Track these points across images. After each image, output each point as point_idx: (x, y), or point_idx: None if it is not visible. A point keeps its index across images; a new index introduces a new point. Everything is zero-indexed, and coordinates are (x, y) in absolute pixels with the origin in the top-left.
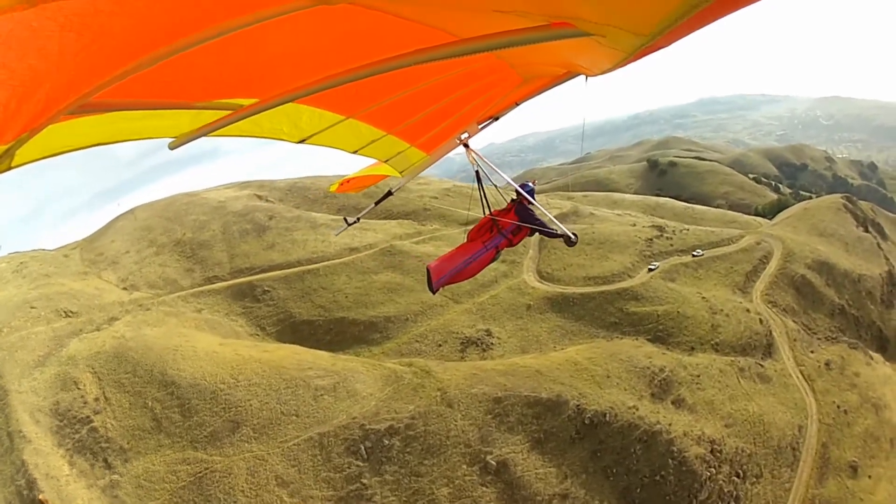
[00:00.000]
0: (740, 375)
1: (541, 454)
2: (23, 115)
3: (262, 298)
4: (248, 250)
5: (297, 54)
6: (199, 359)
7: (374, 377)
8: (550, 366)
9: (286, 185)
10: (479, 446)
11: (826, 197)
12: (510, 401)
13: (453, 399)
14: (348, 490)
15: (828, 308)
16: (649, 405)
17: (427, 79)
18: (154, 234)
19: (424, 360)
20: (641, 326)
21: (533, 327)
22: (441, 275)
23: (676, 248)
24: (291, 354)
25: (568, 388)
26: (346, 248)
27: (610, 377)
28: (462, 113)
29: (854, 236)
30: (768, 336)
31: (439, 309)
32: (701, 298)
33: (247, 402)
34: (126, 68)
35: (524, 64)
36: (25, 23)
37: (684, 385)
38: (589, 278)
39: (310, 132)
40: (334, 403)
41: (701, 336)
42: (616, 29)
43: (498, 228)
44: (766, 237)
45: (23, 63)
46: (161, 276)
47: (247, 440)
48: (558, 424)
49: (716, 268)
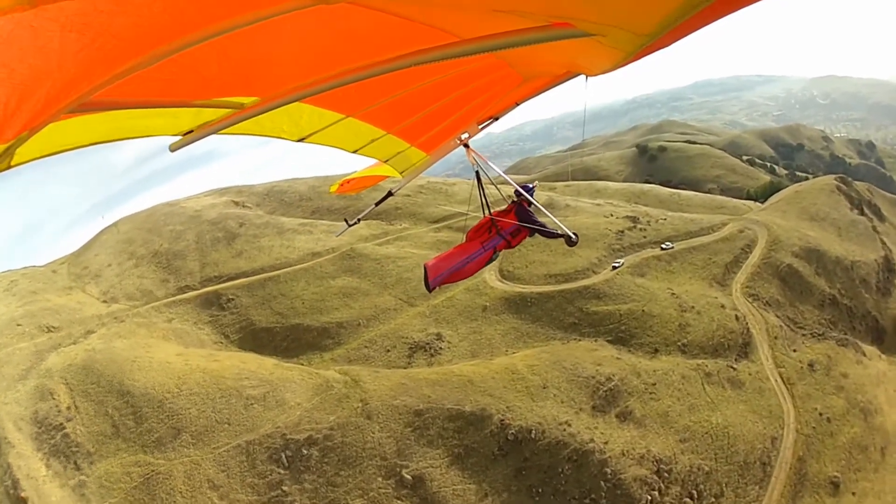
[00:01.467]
0: (706, 381)
1: (461, 470)
2: (23, 114)
3: (227, 307)
4: (218, 258)
5: (297, 53)
6: (152, 369)
7: (306, 387)
8: (486, 375)
9: (264, 189)
10: (396, 459)
11: (818, 178)
12: (431, 414)
13: (373, 411)
14: (270, 496)
15: (817, 299)
16: (587, 419)
17: (427, 78)
18: (134, 247)
19: (364, 367)
20: (602, 327)
21: (487, 330)
22: (437, 273)
23: (650, 240)
24: (237, 364)
25: (496, 400)
26: (309, 254)
27: (547, 388)
28: (462, 113)
29: (848, 220)
30: (745, 334)
31: (392, 313)
32: (670, 295)
33: (187, 410)
34: (126, 67)
35: (524, 64)
36: (26, 23)
37: (635, 395)
38: (550, 276)
39: (310, 131)
40: (262, 412)
41: (666, 337)
42: (616, 29)
43: (497, 229)
44: (751, 224)
45: (23, 63)
46: (138, 288)
47: (186, 446)
48: (480, 439)
49: (692, 260)
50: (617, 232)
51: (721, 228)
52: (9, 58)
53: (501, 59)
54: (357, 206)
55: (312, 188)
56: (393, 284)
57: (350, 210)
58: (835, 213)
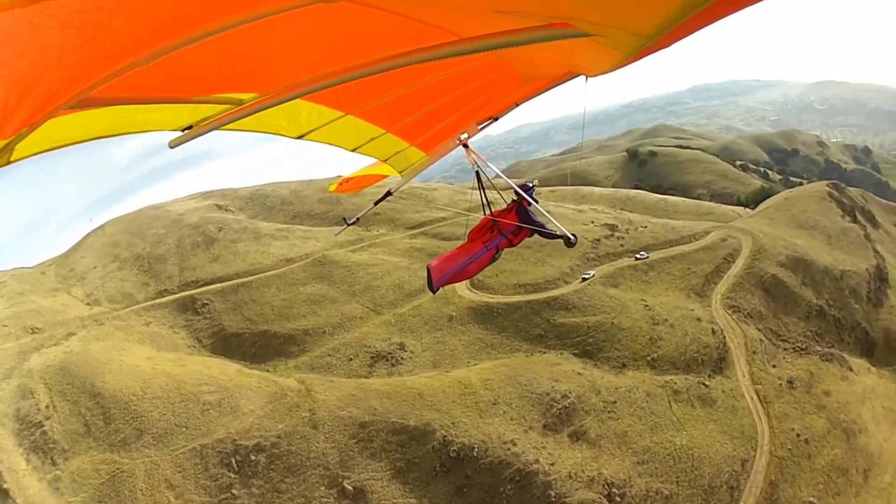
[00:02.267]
0: (673, 399)
1: (402, 484)
2: (23, 110)
3: (202, 311)
4: (196, 263)
5: (296, 51)
6: (122, 372)
7: (261, 394)
8: (438, 388)
9: (248, 192)
10: (338, 470)
11: (809, 185)
12: (376, 426)
13: (320, 421)
14: (221, 498)
15: (803, 310)
16: (535, 439)
17: (427, 77)
18: (119, 249)
19: (321, 376)
20: (569, 339)
21: (451, 340)
22: (441, 275)
23: (627, 248)
24: (201, 369)
25: (443, 415)
26: (283, 259)
27: (498, 404)
28: (461, 112)
29: (839, 227)
30: (721, 349)
31: (358, 321)
32: (643, 307)
33: (149, 412)
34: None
35: (524, 64)
36: (26, 19)
37: (592, 414)
38: (519, 286)
39: (308, 128)
40: (217, 418)
41: (636, 351)
42: (616, 29)
43: (499, 229)
44: (736, 232)
45: (23, 59)
46: (120, 291)
47: (147, 446)
48: (422, 454)
49: (670, 269)
50: (593, 240)
51: (703, 237)
52: (9, 54)
53: (501, 59)
54: (336, 211)
55: (294, 192)
56: (361, 292)
57: (330, 215)
58: (825, 220)
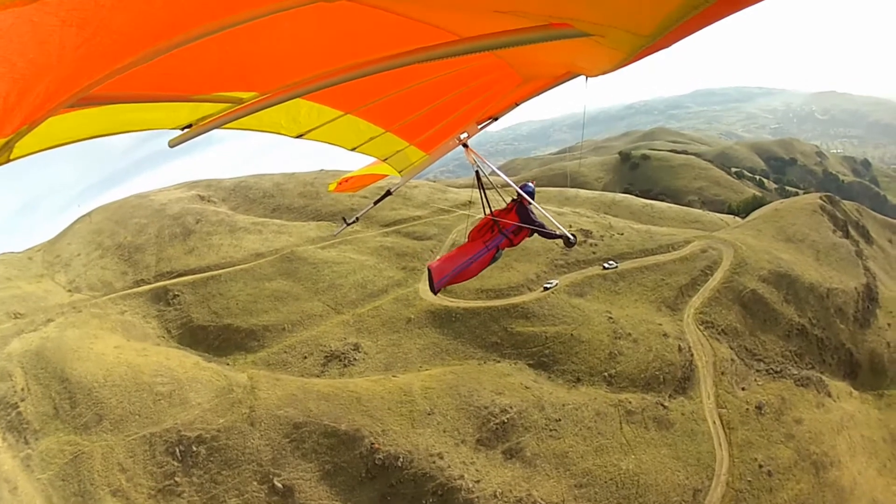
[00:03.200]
0: (626, 419)
1: (329, 486)
2: (23, 108)
3: (173, 303)
4: (173, 254)
5: (296, 50)
6: (89, 360)
7: (210, 388)
8: (377, 393)
9: (232, 184)
10: (270, 467)
11: (802, 196)
12: (309, 428)
13: (257, 418)
14: (165, 484)
15: (783, 328)
16: (465, 453)
17: (426, 76)
18: (102, 237)
19: (270, 373)
20: (525, 349)
21: (406, 343)
22: (443, 275)
23: (599, 256)
24: (161, 360)
25: (375, 422)
26: (253, 254)
27: (433, 414)
28: (461, 112)
29: (829, 242)
30: (686, 368)
31: (318, 319)
32: (607, 319)
33: (108, 399)
34: (126, 62)
35: (524, 64)
36: (26, 17)
37: (532, 431)
38: (482, 291)
39: (308, 127)
40: (167, 409)
41: (593, 366)
42: (616, 29)
43: (499, 228)
44: (718, 243)
45: (23, 57)
46: (100, 279)
47: (105, 431)
48: (350, 460)
49: (642, 280)
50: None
51: (683, 247)
52: (9, 52)
53: (501, 59)
54: (315, 206)
55: (277, 185)
56: (324, 290)
57: (309, 209)
58: (815, 234)
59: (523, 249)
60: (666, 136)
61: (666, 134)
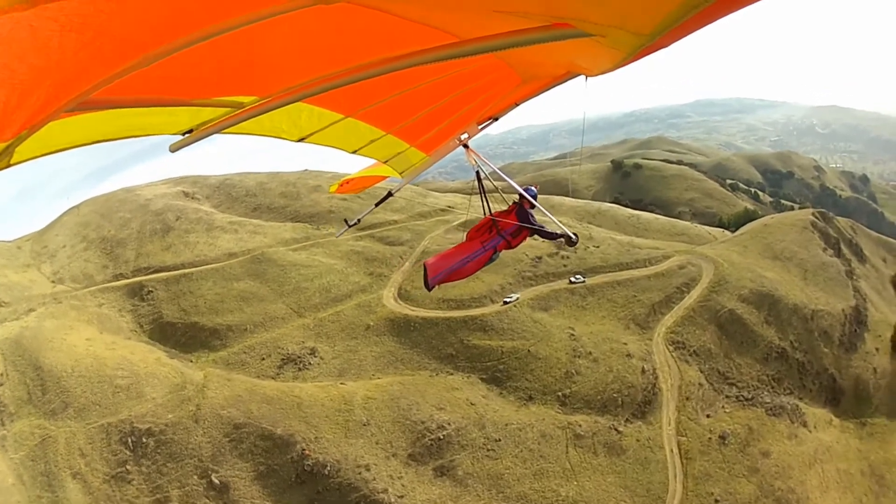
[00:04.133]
0: (573, 443)
1: (262, 487)
2: (23, 113)
3: (147, 298)
4: (151, 250)
5: (296, 53)
6: (61, 350)
7: (165, 384)
8: (319, 399)
9: (217, 181)
10: (209, 463)
11: (793, 212)
12: (248, 429)
13: (202, 416)
14: (117, 471)
15: (761, 351)
16: (394, 467)
17: (426, 78)
18: (88, 230)
19: (226, 372)
20: (479, 363)
21: (363, 350)
22: (437, 272)
23: (570, 269)
24: (126, 354)
25: (310, 428)
26: (226, 253)
27: (368, 425)
28: (461, 113)
29: (818, 261)
30: (648, 391)
31: (279, 321)
32: (569, 336)
33: (74, 389)
34: (126, 66)
35: (524, 64)
36: (25, 22)
37: (468, 450)
38: (443, 300)
39: (309, 131)
40: (124, 401)
41: (547, 384)
42: (616, 29)
43: (497, 230)
44: (699, 259)
45: (23, 62)
46: (82, 271)
47: (69, 418)
48: (282, 463)
49: (613, 296)
50: (534, 258)
51: (661, 261)
52: (8, 57)
53: (501, 60)
54: (294, 207)
55: (260, 184)
56: (289, 293)
57: (288, 210)
58: (804, 252)
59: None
60: (663, 146)
61: (663, 143)
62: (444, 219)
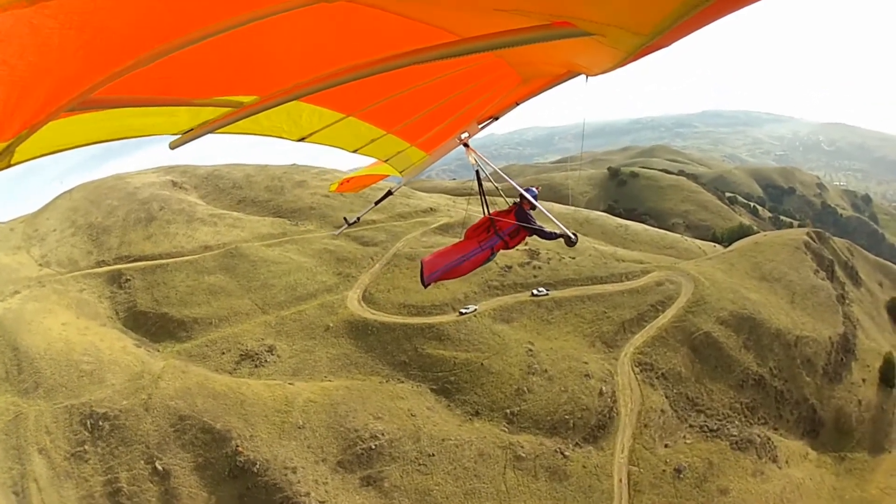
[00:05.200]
0: (512, 464)
1: (199, 478)
2: (23, 113)
3: (124, 286)
4: (134, 238)
5: (296, 52)
6: (38, 333)
7: (125, 372)
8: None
9: (206, 172)
10: (154, 451)
11: (786, 231)
12: (191, 421)
13: (152, 405)
14: (77, 450)
15: (736, 377)
16: (322, 472)
17: (426, 77)
18: (77, 216)
19: (184, 364)
20: (431, 373)
21: (319, 351)
22: (433, 270)
23: (541, 280)
24: (95, 341)
25: (248, 426)
26: (202, 246)
27: (303, 428)
28: (462, 112)
29: (808, 284)
30: (604, 414)
31: (243, 317)
32: (526, 351)
33: (45, 370)
34: (126, 65)
35: (524, 63)
36: (26, 20)
37: (399, 462)
38: (403, 306)
39: (309, 130)
40: (87, 385)
41: (496, 400)
42: (616, 28)
43: (495, 230)
44: (679, 275)
45: (23, 60)
46: (68, 256)
47: (40, 397)
48: (218, 457)
49: (581, 311)
50: (503, 267)
51: (639, 277)
52: (8, 55)
53: (501, 59)
54: (277, 202)
55: (247, 176)
56: (257, 289)
57: (271, 204)
58: (793, 273)
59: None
60: (665, 154)
61: (665, 152)
62: (425, 220)
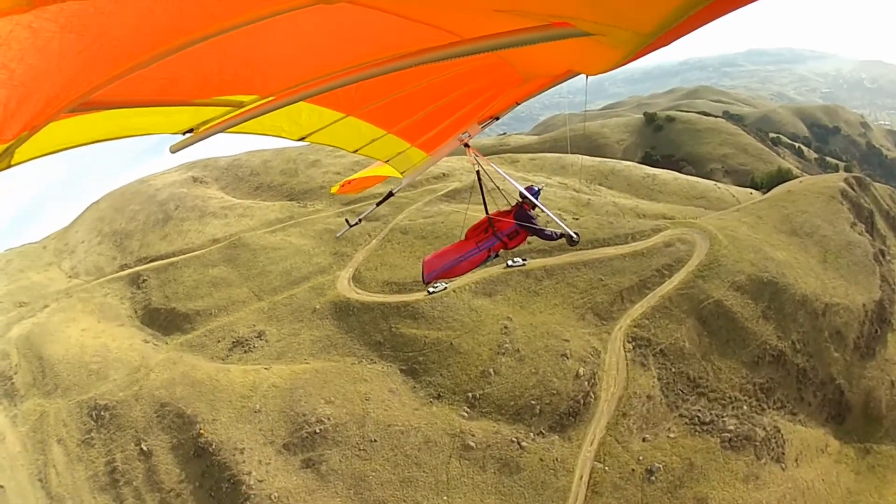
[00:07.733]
0: (459, 454)
1: (174, 458)
2: (23, 114)
3: (142, 286)
4: (152, 240)
5: (297, 52)
6: (59, 342)
7: (126, 367)
8: (230, 385)
9: (226, 162)
10: (142, 434)
11: (822, 177)
12: (170, 407)
13: (141, 394)
14: (85, 437)
15: (751, 353)
16: (267, 453)
17: (427, 77)
18: (103, 224)
19: (180, 354)
20: (402, 353)
21: (304, 334)
22: (432, 269)
23: (534, 247)
24: (107, 342)
25: (213, 410)
26: (211, 240)
27: (259, 412)
28: (462, 112)
29: (843, 240)
30: (577, 400)
31: (240, 305)
32: (502, 328)
33: (62, 373)
34: (126, 68)
35: (524, 63)
36: (26, 24)
37: (340, 447)
38: (386, 284)
39: (309, 130)
40: (94, 382)
41: (460, 383)
42: (616, 28)
43: (493, 230)
44: (695, 233)
45: (23, 63)
46: (95, 264)
47: (58, 396)
48: (186, 439)
49: (574, 280)
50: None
51: (648, 237)
52: (8, 58)
53: (502, 59)
54: (290, 185)
55: (264, 162)
56: (255, 277)
57: (285, 187)
58: (828, 227)
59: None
60: (710, 96)
61: (710, 93)
62: (433, 188)
